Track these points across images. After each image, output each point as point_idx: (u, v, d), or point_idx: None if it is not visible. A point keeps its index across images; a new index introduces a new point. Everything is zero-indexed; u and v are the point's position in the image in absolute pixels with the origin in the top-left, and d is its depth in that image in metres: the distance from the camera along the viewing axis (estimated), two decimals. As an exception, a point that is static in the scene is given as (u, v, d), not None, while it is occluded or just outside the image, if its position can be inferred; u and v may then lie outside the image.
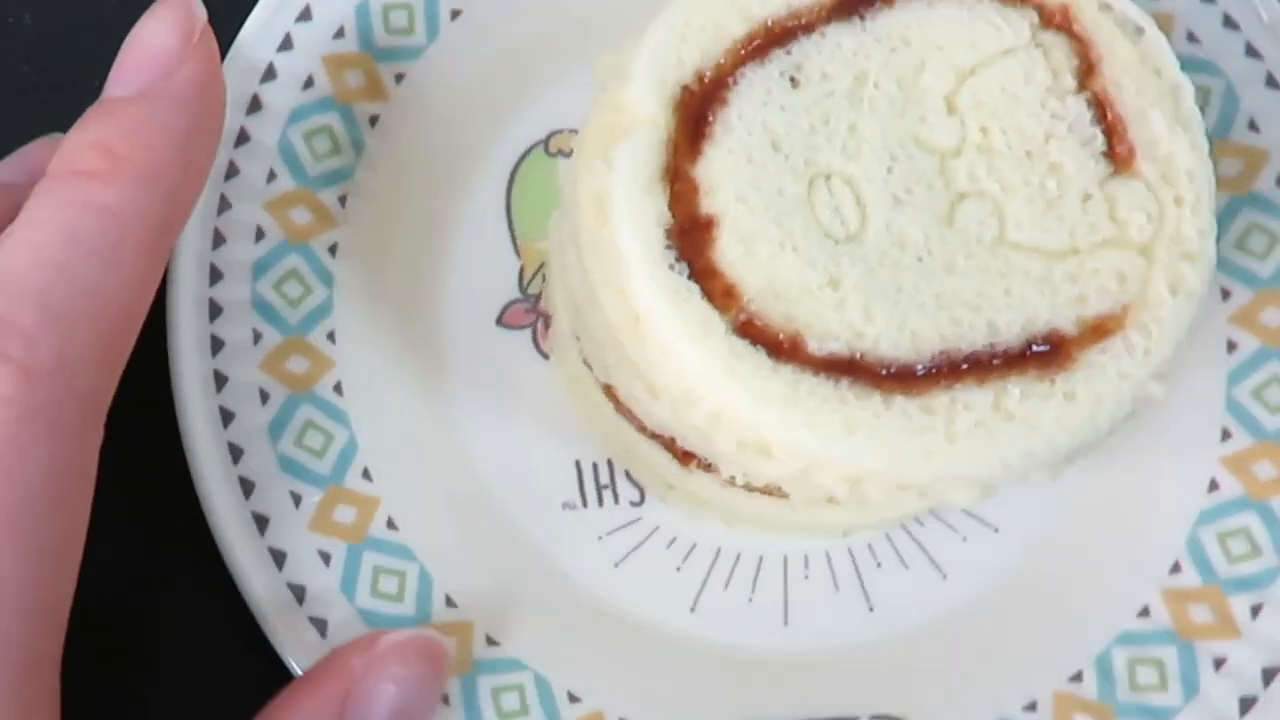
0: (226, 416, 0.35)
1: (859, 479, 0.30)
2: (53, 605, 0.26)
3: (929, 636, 0.37)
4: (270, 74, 0.37)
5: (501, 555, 0.38)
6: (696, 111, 0.31)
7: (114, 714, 0.35)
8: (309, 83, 0.37)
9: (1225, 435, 0.37)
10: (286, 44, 0.37)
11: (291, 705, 0.31)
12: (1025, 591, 0.37)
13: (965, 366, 0.29)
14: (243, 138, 0.36)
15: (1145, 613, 0.36)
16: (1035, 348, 0.30)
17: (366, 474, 0.37)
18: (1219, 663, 0.35)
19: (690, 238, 0.30)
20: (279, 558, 0.35)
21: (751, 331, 0.29)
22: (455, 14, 0.39)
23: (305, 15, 0.38)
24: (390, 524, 0.36)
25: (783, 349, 0.29)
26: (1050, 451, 0.29)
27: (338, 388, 0.37)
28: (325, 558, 0.35)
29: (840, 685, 0.37)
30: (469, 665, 0.35)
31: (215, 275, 0.36)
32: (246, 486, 0.35)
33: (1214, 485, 0.36)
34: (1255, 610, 0.35)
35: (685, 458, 0.35)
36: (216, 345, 0.35)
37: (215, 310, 0.36)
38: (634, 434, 0.36)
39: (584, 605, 0.37)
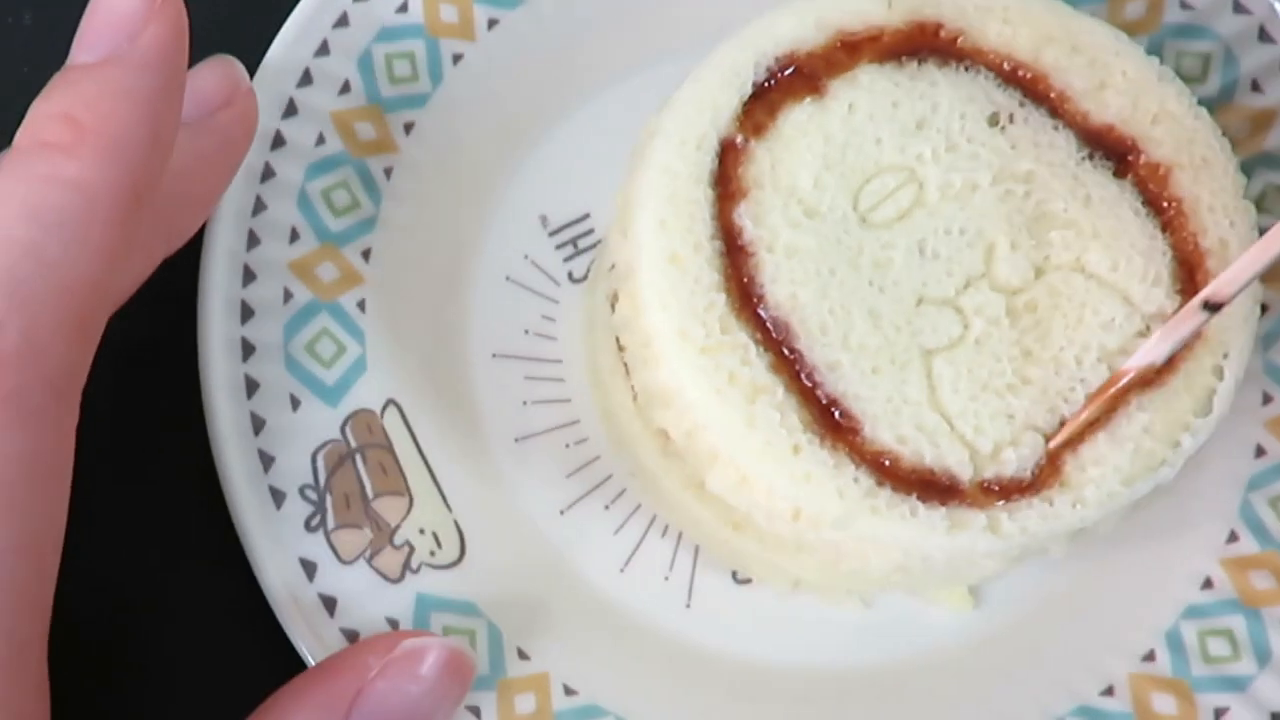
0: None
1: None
2: (35, 590, 0.25)
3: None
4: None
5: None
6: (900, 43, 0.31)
7: (123, 705, 0.34)
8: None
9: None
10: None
11: (301, 694, 0.29)
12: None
13: (787, 356, 0.29)
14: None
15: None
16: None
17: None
18: None
19: (764, 98, 0.30)
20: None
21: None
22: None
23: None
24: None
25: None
26: (784, 504, 0.29)
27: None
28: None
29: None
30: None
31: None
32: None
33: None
34: None
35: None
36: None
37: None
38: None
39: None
